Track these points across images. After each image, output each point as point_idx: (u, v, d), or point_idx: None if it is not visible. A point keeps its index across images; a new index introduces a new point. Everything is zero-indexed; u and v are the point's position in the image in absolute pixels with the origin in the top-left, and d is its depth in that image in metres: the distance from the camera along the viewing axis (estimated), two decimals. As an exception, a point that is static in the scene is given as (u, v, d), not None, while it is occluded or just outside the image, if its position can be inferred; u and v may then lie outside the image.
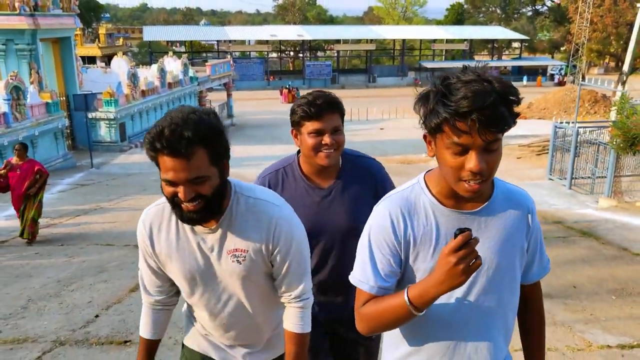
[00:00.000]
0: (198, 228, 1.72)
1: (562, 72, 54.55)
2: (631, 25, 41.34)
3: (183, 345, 2.02)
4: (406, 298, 1.38)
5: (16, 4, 17.29)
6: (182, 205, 1.59)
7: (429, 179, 1.50)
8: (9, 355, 3.71)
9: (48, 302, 4.93)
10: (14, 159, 7.78)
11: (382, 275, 1.48)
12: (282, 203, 1.82)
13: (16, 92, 16.30)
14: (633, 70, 43.82)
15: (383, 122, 31.99)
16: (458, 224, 1.41)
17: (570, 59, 41.93)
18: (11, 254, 7.00)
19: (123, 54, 30.46)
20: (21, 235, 7.64)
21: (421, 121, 1.37)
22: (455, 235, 1.27)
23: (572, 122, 12.59)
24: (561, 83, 50.59)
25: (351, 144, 2.17)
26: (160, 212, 1.76)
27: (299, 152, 2.16)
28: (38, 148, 17.37)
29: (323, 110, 2.02)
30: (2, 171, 7.60)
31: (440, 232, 1.45)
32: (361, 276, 1.50)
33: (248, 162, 18.47)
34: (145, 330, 1.91)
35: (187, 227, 1.73)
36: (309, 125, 2.01)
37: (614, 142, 9.44)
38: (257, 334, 1.92)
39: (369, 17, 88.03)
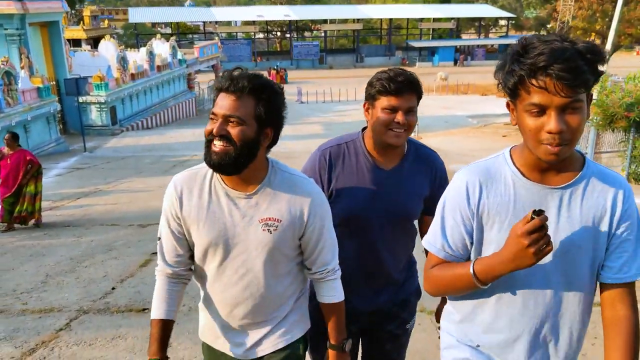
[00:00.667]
0: (233, 192, 1.73)
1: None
2: (616, 2, 41.80)
3: (202, 342, 1.99)
4: (472, 271, 1.39)
5: (4, -11, 17.27)
6: (212, 143, 1.63)
7: (514, 151, 1.47)
8: (39, 322, 4.07)
9: (65, 277, 5.28)
10: (5, 148, 7.73)
11: (450, 243, 1.49)
12: (312, 180, 1.85)
13: (7, 78, 16.39)
14: (617, 47, 44.34)
15: (372, 102, 32.22)
16: (539, 198, 1.39)
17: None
18: (20, 235, 7.30)
19: (110, 37, 30.29)
20: (4, 221, 7.66)
21: (500, 86, 1.35)
22: (532, 218, 1.25)
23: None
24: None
25: (341, 124, 2.42)
26: (194, 176, 1.77)
27: (363, 129, 2.11)
28: (31, 133, 17.53)
29: (402, 88, 1.93)
30: None
31: (517, 204, 1.41)
32: (432, 239, 1.54)
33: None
34: (159, 309, 1.80)
35: (220, 191, 1.73)
36: (384, 101, 1.93)
37: (594, 120, 9.86)
38: (265, 313, 1.85)
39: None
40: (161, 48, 28.81)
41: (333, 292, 1.86)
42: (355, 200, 2.00)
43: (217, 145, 1.61)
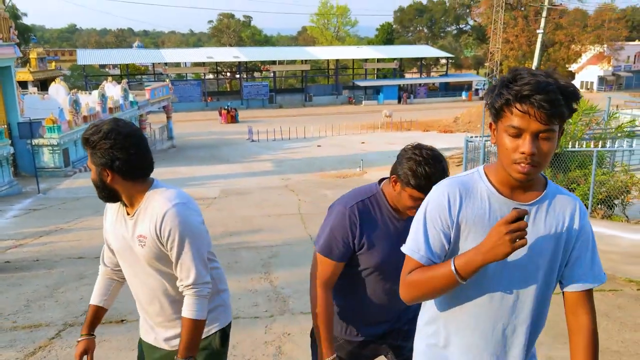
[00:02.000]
0: (126, 213, 2.15)
1: (486, 87, 58.17)
2: (542, 44, 45.25)
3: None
4: (452, 266, 1.52)
5: (-41, 37, 17.68)
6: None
7: (488, 169, 1.63)
8: (32, 334, 4.78)
9: (45, 301, 5.95)
10: None
11: (432, 247, 1.61)
12: (179, 200, 2.07)
13: (-39, 123, 16.71)
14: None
15: (320, 139, 33.50)
16: (510, 211, 1.48)
17: (487, 76, 45.10)
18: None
19: (60, 80, 30.63)
20: None
21: (488, 107, 1.54)
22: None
23: (480, 137, 14.49)
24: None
25: (291, 161, 3.27)
26: (113, 204, 2.23)
27: (380, 181, 2.30)
28: (-17, 176, 17.74)
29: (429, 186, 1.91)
30: None
31: (492, 216, 1.55)
32: (413, 246, 1.64)
33: (193, 182, 19.47)
34: (95, 298, 2.33)
35: (122, 212, 2.16)
36: (411, 191, 2.08)
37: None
38: (172, 313, 2.18)
39: (303, 37, 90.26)
40: (113, 91, 29.35)
41: (188, 307, 2.06)
42: (385, 249, 2.17)
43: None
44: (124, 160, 2.00)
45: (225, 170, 23.17)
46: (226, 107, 45.34)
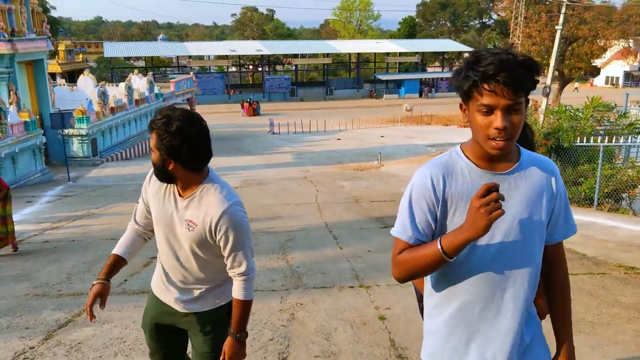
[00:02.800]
0: (176, 191, 2.32)
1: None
2: (565, 39, 44.91)
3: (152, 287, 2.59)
4: (439, 245, 1.58)
5: (-4, 31, 18.59)
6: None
7: (465, 147, 1.72)
8: (75, 300, 5.41)
9: (84, 275, 6.60)
10: None
11: (419, 228, 1.69)
12: (233, 201, 2.25)
13: (-2, 113, 17.60)
14: (568, 80, 47.23)
15: (340, 132, 33.94)
16: (492, 181, 1.58)
17: None
18: (32, 248, 8.54)
19: (88, 73, 31.61)
20: None
21: (456, 90, 1.61)
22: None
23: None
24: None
25: (311, 154, 3.50)
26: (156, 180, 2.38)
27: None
28: (18, 164, 18.64)
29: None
30: None
31: (474, 189, 1.58)
32: (400, 228, 1.72)
33: (216, 172, 20.14)
34: (119, 248, 2.46)
35: (169, 191, 2.34)
36: None
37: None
38: (197, 283, 2.40)
39: (325, 30, 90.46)
40: (139, 83, 30.19)
41: (239, 291, 2.31)
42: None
43: (155, 170, 2.30)
44: (189, 155, 2.14)
45: (247, 162, 23.81)
46: (248, 100, 46.01)
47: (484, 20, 76.61)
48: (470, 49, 62.04)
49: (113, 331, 4.48)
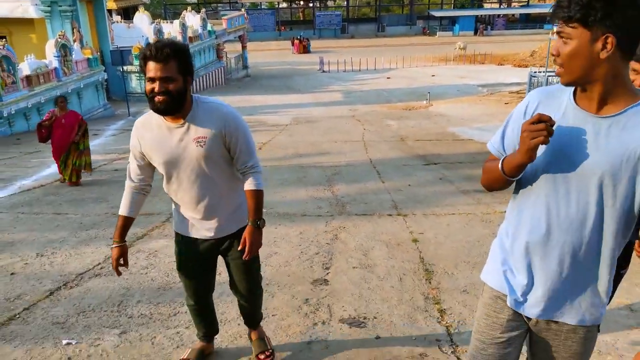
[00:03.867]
0: (171, 125, 2.41)
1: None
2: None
3: (174, 231, 2.74)
4: (500, 163, 1.66)
5: (59, -30, 19.34)
6: (155, 98, 2.27)
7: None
8: (148, 219, 6.21)
9: (152, 198, 7.31)
10: (57, 111, 8.37)
11: (504, 143, 1.74)
12: (226, 104, 2.48)
13: (64, 50, 18.58)
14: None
15: (390, 71, 33.72)
16: (579, 122, 1.55)
17: None
18: (105, 175, 9.47)
19: (144, 10, 32.24)
20: (65, 179, 8.44)
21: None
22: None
23: (544, 71, 14.70)
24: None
25: (360, 93, 3.72)
26: (148, 118, 2.49)
27: None
28: (83, 99, 19.80)
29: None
30: (47, 122, 8.30)
31: (564, 124, 1.57)
32: (493, 139, 1.80)
33: (267, 110, 20.80)
34: (125, 209, 2.59)
35: (164, 125, 2.42)
36: None
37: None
38: (222, 204, 2.55)
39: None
40: (192, 20, 30.67)
41: (253, 182, 2.55)
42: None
43: (160, 98, 2.27)
44: (193, 67, 2.43)
45: (297, 100, 24.28)
46: (299, 37, 45.90)
47: (548, -49, 72.00)
48: (532, -16, 58.96)
49: (182, 243, 5.24)
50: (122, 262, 2.60)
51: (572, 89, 1.60)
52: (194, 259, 2.69)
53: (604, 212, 1.57)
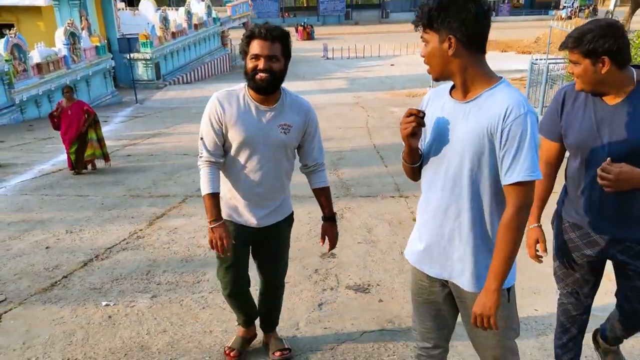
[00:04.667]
0: (260, 106, 2.50)
1: (575, 5, 54.25)
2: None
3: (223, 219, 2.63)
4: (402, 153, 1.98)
5: (67, -42, 19.59)
6: (257, 75, 2.37)
7: None
8: (165, 200, 6.62)
9: (167, 182, 7.81)
10: (64, 101, 8.50)
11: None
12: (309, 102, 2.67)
13: (72, 38, 18.91)
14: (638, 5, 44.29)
15: (394, 58, 33.83)
16: (454, 109, 1.86)
17: None
18: (119, 161, 9.86)
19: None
20: (74, 168, 8.54)
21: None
22: None
23: (545, 59, 14.96)
24: (572, 17, 50.85)
25: (364, 79, 3.99)
26: (231, 93, 2.54)
27: None
28: (91, 87, 20.17)
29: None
30: (55, 113, 8.53)
31: (444, 112, 1.90)
32: None
33: (272, 97, 21.05)
34: (209, 186, 2.52)
35: (251, 104, 2.50)
36: None
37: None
38: (275, 194, 2.66)
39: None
40: (197, 7, 30.89)
41: (323, 179, 2.72)
42: (581, 132, 2.23)
43: (263, 75, 2.37)
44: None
45: (301, 87, 24.54)
46: (302, 24, 46.03)
47: None
48: (537, -31, 58.45)
49: (200, 221, 5.63)
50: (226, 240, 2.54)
51: (451, 85, 1.91)
52: (238, 246, 2.70)
53: (475, 179, 1.84)
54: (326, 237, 2.75)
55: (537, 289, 3.82)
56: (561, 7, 55.71)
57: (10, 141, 12.49)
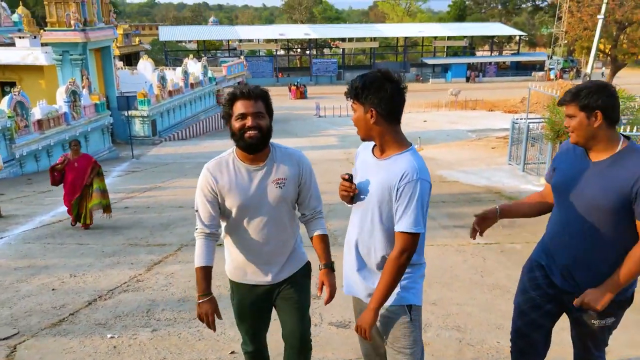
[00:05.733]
0: (250, 167, 2.50)
1: (559, 67, 56.21)
2: (619, 24, 43.90)
3: (230, 280, 2.73)
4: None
5: (71, 22, 20.67)
6: (246, 134, 2.40)
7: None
8: (161, 249, 7.00)
9: (163, 232, 8.21)
10: (70, 154, 8.49)
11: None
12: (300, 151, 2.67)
13: (73, 96, 19.70)
14: (621, 66, 46.16)
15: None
16: (372, 164, 2.32)
17: (551, 55, 43.83)
18: (117, 212, 10.25)
19: (147, 57, 33.63)
20: (77, 221, 8.53)
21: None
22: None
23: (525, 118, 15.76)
24: (557, 78, 52.59)
25: (355, 137, 3.96)
26: (220, 161, 2.54)
27: None
28: (90, 142, 20.81)
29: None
30: (59, 166, 8.37)
31: (365, 166, 2.41)
32: None
33: (265, 153, 21.68)
34: (203, 259, 2.54)
35: (242, 168, 2.50)
36: None
37: (546, 134, 12.63)
38: (284, 248, 2.63)
39: (374, 12, 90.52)
40: (194, 67, 32.12)
41: (321, 227, 2.70)
42: (561, 177, 2.50)
43: (252, 133, 2.41)
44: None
45: (294, 143, 25.14)
46: (296, 84, 47.46)
47: (537, 2, 75.01)
48: (521, 33, 61.30)
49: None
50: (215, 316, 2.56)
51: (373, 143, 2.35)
52: (254, 306, 2.71)
53: (380, 225, 2.29)
54: (324, 286, 2.70)
55: (501, 325, 4.22)
56: (545, 68, 57.79)
57: (10, 194, 12.91)
